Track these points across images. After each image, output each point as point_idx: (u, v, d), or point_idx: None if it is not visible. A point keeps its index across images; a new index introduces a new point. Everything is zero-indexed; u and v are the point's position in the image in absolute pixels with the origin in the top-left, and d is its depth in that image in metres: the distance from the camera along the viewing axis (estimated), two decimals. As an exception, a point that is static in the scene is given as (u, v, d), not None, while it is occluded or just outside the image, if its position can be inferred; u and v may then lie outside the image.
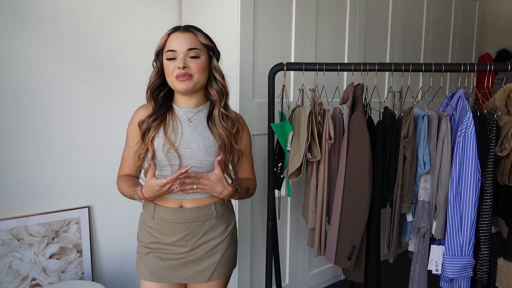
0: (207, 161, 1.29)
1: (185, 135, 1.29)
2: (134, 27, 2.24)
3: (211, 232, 1.34)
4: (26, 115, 1.96)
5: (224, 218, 1.38)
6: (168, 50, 1.25)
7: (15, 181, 1.96)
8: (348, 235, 1.65)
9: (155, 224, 1.32)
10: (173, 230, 1.31)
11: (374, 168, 1.65)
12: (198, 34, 1.28)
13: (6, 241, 1.92)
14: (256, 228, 2.19)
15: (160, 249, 1.32)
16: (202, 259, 1.33)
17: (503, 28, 4.16)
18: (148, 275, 1.33)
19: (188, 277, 1.33)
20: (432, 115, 1.62)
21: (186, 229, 1.30)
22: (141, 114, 1.33)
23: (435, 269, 1.64)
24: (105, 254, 2.25)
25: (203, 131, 1.31)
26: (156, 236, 1.32)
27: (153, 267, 1.32)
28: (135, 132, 1.32)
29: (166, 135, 1.27)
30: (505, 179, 1.56)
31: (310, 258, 2.49)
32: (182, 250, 1.31)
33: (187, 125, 1.31)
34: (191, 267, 1.33)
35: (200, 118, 1.33)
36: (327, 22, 2.37)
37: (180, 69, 1.23)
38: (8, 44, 1.89)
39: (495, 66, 1.54)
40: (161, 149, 1.27)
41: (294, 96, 2.24)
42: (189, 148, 1.28)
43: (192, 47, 1.24)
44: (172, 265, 1.32)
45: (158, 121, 1.27)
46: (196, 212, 1.31)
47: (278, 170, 1.79)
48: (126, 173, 1.39)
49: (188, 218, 1.30)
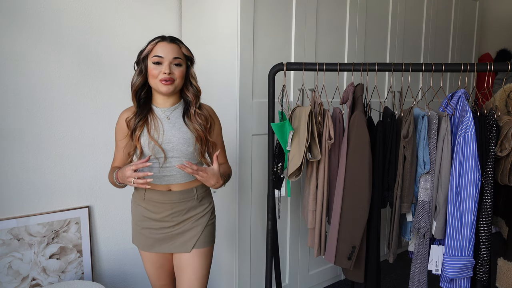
0: (187, 151, 1.51)
1: (166, 131, 1.50)
2: (134, 27, 2.24)
3: (193, 210, 1.57)
4: (26, 115, 1.96)
5: (204, 200, 1.61)
6: (155, 55, 1.45)
7: (15, 181, 1.96)
8: (348, 235, 1.65)
9: (145, 204, 1.56)
10: (161, 208, 1.54)
11: (374, 168, 1.65)
12: (182, 46, 1.50)
13: (6, 241, 1.92)
14: (256, 228, 2.19)
15: (150, 225, 1.56)
16: (186, 231, 1.57)
17: (503, 28, 4.16)
18: (143, 246, 1.59)
19: (174, 247, 1.57)
20: (432, 115, 1.62)
21: (172, 208, 1.54)
22: (126, 115, 1.53)
23: (435, 269, 1.64)
24: (105, 254, 2.25)
25: (181, 126, 1.52)
26: (146, 214, 1.56)
27: (146, 240, 1.58)
28: (123, 129, 1.52)
29: (150, 134, 1.48)
30: (505, 179, 1.56)
31: (310, 258, 2.49)
32: (169, 224, 1.55)
33: (166, 122, 1.51)
34: (177, 239, 1.57)
35: (177, 115, 1.54)
36: (327, 22, 2.37)
37: (166, 74, 1.43)
38: (9, 44, 1.89)
39: (495, 66, 1.54)
40: (147, 146, 1.48)
41: (294, 96, 2.24)
42: (170, 143, 1.49)
43: (177, 57, 1.46)
44: (161, 237, 1.56)
45: (142, 122, 1.49)
46: (181, 194, 1.54)
47: (278, 170, 1.79)
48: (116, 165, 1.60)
49: (174, 199, 1.54)
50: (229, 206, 2.14)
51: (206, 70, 2.17)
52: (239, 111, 2.03)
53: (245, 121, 2.05)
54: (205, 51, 2.20)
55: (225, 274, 2.22)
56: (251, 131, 2.09)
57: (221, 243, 2.21)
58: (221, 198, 2.18)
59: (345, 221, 1.65)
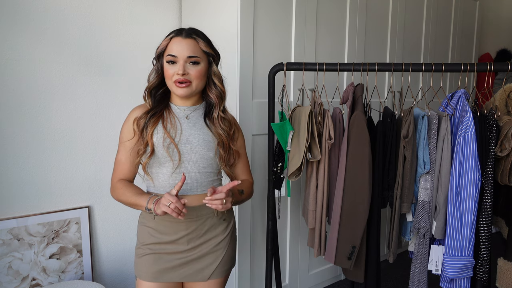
0: (207, 155, 1.32)
1: (184, 130, 1.32)
2: (135, 27, 2.24)
3: (212, 230, 1.35)
4: (26, 115, 1.96)
5: (224, 217, 1.39)
6: (169, 54, 1.27)
7: (15, 181, 1.96)
8: (348, 235, 1.65)
9: (155, 224, 1.33)
10: (175, 229, 1.31)
11: (374, 168, 1.65)
12: (200, 41, 1.29)
13: (6, 241, 1.92)
14: (256, 228, 2.19)
15: (160, 249, 1.32)
16: (203, 257, 1.34)
17: (503, 28, 4.16)
18: (146, 275, 1.33)
19: (188, 276, 1.33)
20: (432, 115, 1.62)
21: (188, 228, 1.31)
22: (137, 112, 1.34)
23: (435, 269, 1.64)
24: (105, 254, 2.25)
25: (201, 127, 1.34)
26: (157, 236, 1.33)
27: (152, 267, 1.32)
28: (131, 130, 1.32)
29: (166, 130, 1.29)
30: (505, 179, 1.56)
31: (310, 258, 2.49)
32: (183, 248, 1.32)
33: (185, 121, 1.33)
34: (192, 266, 1.33)
35: (198, 116, 1.36)
36: (327, 22, 2.37)
37: (179, 75, 1.26)
38: (10, 44, 1.89)
39: (495, 66, 1.54)
40: (161, 144, 1.28)
41: (294, 96, 2.24)
42: (189, 143, 1.31)
43: (192, 55, 1.27)
44: (173, 265, 1.32)
45: (156, 117, 1.30)
46: (197, 211, 1.32)
47: (278, 170, 1.79)
48: (122, 177, 1.36)
49: (190, 217, 1.31)
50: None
51: (206, 70, 2.17)
52: (239, 111, 2.03)
53: (245, 121, 2.05)
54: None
55: (225, 274, 2.22)
56: (251, 131, 2.09)
57: (221, 243, 2.21)
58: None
59: (345, 221, 1.65)
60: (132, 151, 1.33)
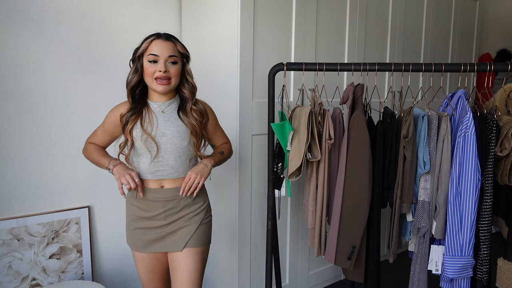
0: (181, 145, 1.51)
1: (160, 124, 1.50)
2: (134, 27, 2.24)
3: (186, 209, 1.56)
4: (26, 115, 1.96)
5: (198, 198, 1.59)
6: (151, 53, 1.44)
7: (15, 181, 1.96)
8: (348, 235, 1.65)
9: (138, 203, 1.55)
10: (153, 206, 1.54)
11: (374, 168, 1.65)
12: (177, 44, 1.50)
13: (6, 241, 1.92)
14: (256, 228, 2.19)
15: (143, 224, 1.55)
16: (178, 230, 1.55)
17: (503, 28, 4.16)
18: (136, 247, 1.58)
19: (167, 246, 1.56)
20: (432, 115, 1.62)
21: (164, 206, 1.53)
22: (121, 109, 1.54)
23: (435, 269, 1.64)
24: (105, 254, 2.25)
25: (175, 120, 1.52)
26: (139, 213, 1.56)
27: (140, 240, 1.56)
28: (115, 119, 1.54)
29: (143, 127, 1.49)
30: (505, 179, 1.56)
31: (310, 258, 2.49)
32: (162, 223, 1.54)
33: (161, 116, 1.52)
34: (169, 238, 1.55)
35: (172, 110, 1.54)
36: (327, 22, 2.37)
37: (161, 73, 1.43)
38: (10, 44, 1.89)
39: (495, 66, 1.54)
40: (140, 138, 1.49)
41: (294, 96, 2.24)
42: (164, 136, 1.50)
43: (172, 55, 1.46)
44: (154, 238, 1.55)
45: (135, 116, 1.49)
46: (173, 192, 1.54)
47: (278, 170, 1.79)
48: (95, 143, 1.63)
49: (166, 197, 1.53)
50: (229, 206, 2.14)
51: (206, 70, 2.17)
52: (239, 111, 2.03)
53: (245, 121, 2.05)
54: (205, 51, 2.20)
55: (225, 274, 2.22)
56: (251, 131, 2.09)
57: (221, 243, 2.21)
58: (221, 198, 2.18)
59: (345, 221, 1.65)
60: (108, 134, 1.58)
